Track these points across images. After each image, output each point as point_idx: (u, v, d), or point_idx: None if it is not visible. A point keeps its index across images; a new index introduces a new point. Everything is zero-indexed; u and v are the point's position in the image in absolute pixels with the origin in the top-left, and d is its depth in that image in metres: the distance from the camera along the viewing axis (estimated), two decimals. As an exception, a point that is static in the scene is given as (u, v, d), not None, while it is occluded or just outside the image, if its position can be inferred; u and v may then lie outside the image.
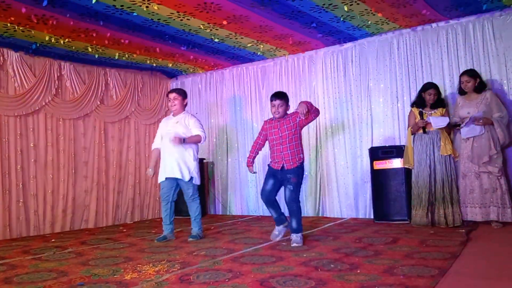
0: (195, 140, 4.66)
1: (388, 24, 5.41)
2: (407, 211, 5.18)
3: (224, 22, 5.02)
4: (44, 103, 5.82)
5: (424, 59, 5.53)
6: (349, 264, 3.22)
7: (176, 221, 6.30)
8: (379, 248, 3.76)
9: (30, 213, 5.63)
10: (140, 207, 6.98)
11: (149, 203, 7.13)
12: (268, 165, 4.34)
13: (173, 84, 7.73)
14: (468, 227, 4.59)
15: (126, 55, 6.11)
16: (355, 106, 6.00)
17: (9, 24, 4.71)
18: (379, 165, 5.38)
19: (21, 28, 4.83)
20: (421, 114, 4.94)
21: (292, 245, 4.01)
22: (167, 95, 4.94)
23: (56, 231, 5.84)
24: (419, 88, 5.48)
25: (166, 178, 4.67)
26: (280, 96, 4.26)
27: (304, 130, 6.34)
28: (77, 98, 6.20)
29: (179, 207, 6.93)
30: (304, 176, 4.29)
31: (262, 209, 6.70)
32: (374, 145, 5.73)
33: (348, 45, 6.05)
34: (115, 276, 3.12)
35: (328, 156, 6.19)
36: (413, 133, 5.03)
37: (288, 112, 4.35)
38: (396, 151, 5.29)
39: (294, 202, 4.14)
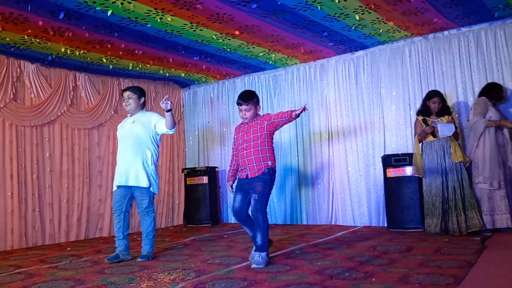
0: (174, 120, 4.06)
1: (399, 32, 5.42)
2: (421, 219, 5.16)
3: (237, 32, 5.08)
4: (59, 113, 5.92)
5: (436, 66, 5.53)
6: (363, 272, 3.21)
7: (190, 230, 6.35)
8: (394, 257, 3.74)
9: (45, 222, 5.71)
10: (153, 216, 7.01)
11: (162, 212, 7.18)
12: (237, 176, 3.96)
13: (186, 93, 7.81)
14: (484, 235, 4.55)
15: (140, 66, 6.20)
16: (367, 114, 6.01)
17: (26, 37, 4.82)
18: (392, 172, 5.37)
19: (37, 40, 4.94)
20: (424, 121, 4.93)
21: (252, 266, 3.53)
22: (121, 94, 4.39)
23: (71, 239, 5.91)
24: (431, 95, 5.50)
25: (119, 187, 4.16)
26: (246, 99, 3.79)
27: (316, 138, 6.37)
28: (91, 108, 6.30)
29: (193, 215, 7.02)
30: (273, 185, 3.82)
31: (274, 218, 6.71)
32: (386, 153, 5.72)
33: (360, 53, 6.07)
34: (131, 284, 3.15)
35: (341, 164, 6.19)
36: (421, 141, 5.02)
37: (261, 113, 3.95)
38: (409, 158, 5.28)
39: (260, 213, 3.67)
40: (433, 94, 5.02)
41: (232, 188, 4.01)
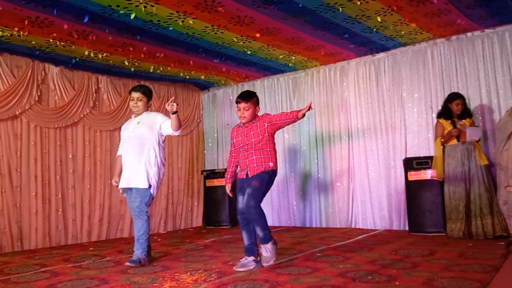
0: (180, 122, 4.00)
1: (421, 33, 5.37)
2: (443, 223, 5.08)
3: (257, 35, 5.10)
4: (82, 116, 6.02)
5: (459, 68, 5.45)
6: (386, 276, 3.18)
7: (209, 231, 6.37)
8: (416, 260, 3.70)
9: (68, 222, 5.80)
10: (172, 217, 7.08)
11: (182, 213, 7.22)
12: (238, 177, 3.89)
13: (205, 96, 7.86)
14: (510, 240, 4.47)
15: (161, 68, 6.27)
16: (388, 116, 5.96)
17: (51, 40, 4.92)
18: (414, 176, 5.31)
19: (62, 43, 5.03)
20: (453, 123, 4.86)
21: (263, 265, 3.56)
22: (130, 93, 4.24)
23: (92, 239, 5.99)
24: (454, 98, 5.43)
25: (125, 190, 4.14)
26: (246, 98, 3.70)
27: (336, 140, 6.35)
28: (113, 110, 6.39)
29: (212, 217, 7.05)
30: (271, 185, 3.74)
31: (294, 220, 6.70)
32: (408, 156, 5.66)
33: (381, 55, 6.03)
34: (154, 284, 3.18)
35: (361, 166, 6.14)
36: (443, 144, 4.94)
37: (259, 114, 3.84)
38: (431, 162, 5.21)
39: (253, 208, 3.52)
40: (455, 96, 4.96)
41: (230, 190, 3.96)
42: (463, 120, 4.90)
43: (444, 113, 5.01)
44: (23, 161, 5.41)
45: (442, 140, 4.95)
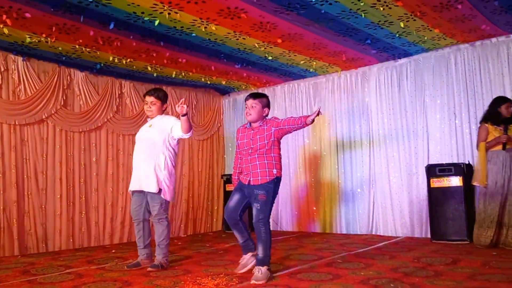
0: (190, 125, 3.94)
1: (445, 39, 5.32)
2: (466, 231, 5.00)
3: (279, 41, 5.12)
4: (106, 120, 6.13)
5: (484, 74, 5.37)
6: (409, 284, 3.15)
7: (229, 236, 6.39)
8: (439, 269, 3.65)
9: (91, 224, 5.91)
10: (193, 221, 7.14)
11: (202, 217, 7.27)
12: (239, 178, 3.76)
13: (226, 101, 7.91)
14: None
15: (183, 73, 6.34)
16: (410, 122, 5.90)
17: (77, 46, 5.03)
18: (437, 183, 5.24)
19: (87, 49, 5.14)
20: (506, 129, 4.67)
21: (251, 282, 3.31)
22: (144, 97, 4.26)
23: (114, 242, 6.08)
24: (478, 104, 5.37)
25: (133, 192, 4.13)
26: (254, 95, 3.63)
27: (357, 146, 6.31)
28: (135, 115, 6.49)
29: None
30: (276, 194, 3.63)
31: (313, 225, 6.68)
32: (430, 162, 5.59)
33: (403, 60, 5.98)
34: (177, 287, 3.21)
35: (382, 173, 6.09)
36: (487, 149, 4.80)
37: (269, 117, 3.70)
38: (455, 168, 5.14)
39: (262, 223, 3.47)
40: (505, 99, 4.78)
41: None
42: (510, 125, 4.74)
43: (491, 117, 4.80)
44: (48, 164, 5.54)
45: (487, 145, 4.81)
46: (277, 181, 3.56)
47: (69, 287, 3.33)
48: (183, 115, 3.79)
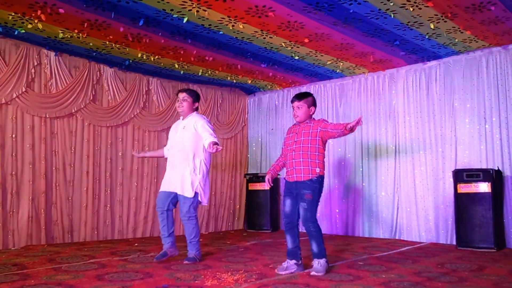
0: (208, 142, 3.86)
1: (476, 42, 5.20)
2: (494, 238, 4.87)
3: (306, 40, 5.11)
4: (132, 116, 6.24)
5: (516, 78, 5.23)
6: (432, 288, 3.09)
7: (250, 234, 6.41)
8: (464, 275, 3.57)
9: (115, 218, 6.02)
10: (214, 218, 7.18)
11: (224, 215, 7.31)
12: (284, 178, 3.86)
13: (251, 100, 7.94)
14: None
15: (209, 72, 6.39)
16: (438, 126, 5.78)
17: (107, 42, 5.14)
18: (464, 188, 5.12)
19: (117, 45, 5.24)
20: None
21: (311, 274, 3.49)
22: (176, 94, 4.36)
23: (137, 236, 6.18)
24: (509, 109, 5.25)
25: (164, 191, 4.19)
26: (299, 97, 3.73)
27: (383, 149, 6.23)
28: (162, 111, 6.57)
29: (253, 221, 7.09)
30: (321, 192, 3.71)
31: (335, 228, 6.62)
32: (458, 168, 5.47)
33: (432, 63, 5.87)
34: (196, 281, 3.24)
35: (408, 177, 5.99)
36: None
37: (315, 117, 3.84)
38: (483, 174, 5.01)
39: (311, 222, 3.59)
40: None
41: (269, 181, 3.88)
42: None
43: None
44: (76, 157, 5.67)
45: None
46: (321, 180, 3.65)
47: (93, 275, 3.40)
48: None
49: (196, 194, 4.04)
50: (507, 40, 5.17)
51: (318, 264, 3.54)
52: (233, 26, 4.67)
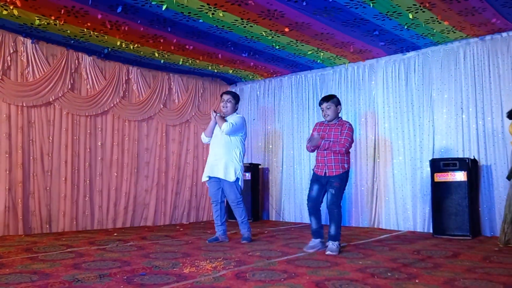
0: (222, 122, 4.58)
1: (454, 32, 5.26)
2: (469, 226, 4.97)
3: (286, 29, 5.10)
4: (112, 105, 6.16)
5: (493, 69, 5.31)
6: (407, 274, 3.15)
7: (231, 224, 6.42)
8: (439, 261, 3.64)
9: (95, 208, 5.96)
10: (196, 209, 7.18)
11: (205, 206, 7.30)
12: (313, 169, 4.31)
13: (232, 90, 7.89)
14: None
15: (190, 61, 6.35)
16: (416, 116, 5.86)
17: (85, 30, 5.06)
18: (441, 177, 5.21)
19: (95, 33, 5.16)
20: None
21: (326, 253, 3.93)
22: (221, 96, 4.88)
23: (117, 226, 6.14)
24: (486, 99, 5.33)
25: (210, 178, 4.69)
26: (326, 99, 4.23)
27: (362, 139, 6.29)
28: (142, 101, 6.51)
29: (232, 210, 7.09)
30: (347, 182, 4.20)
31: (316, 217, 6.66)
32: (435, 157, 5.56)
33: (411, 54, 5.94)
34: (175, 269, 3.24)
35: (386, 166, 6.07)
36: None
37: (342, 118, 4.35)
38: (460, 163, 5.10)
39: (335, 206, 4.06)
40: None
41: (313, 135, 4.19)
42: None
43: None
44: (54, 146, 5.59)
45: None
46: (347, 173, 4.16)
47: (70, 264, 3.37)
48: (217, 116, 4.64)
49: (237, 179, 4.60)
50: (484, 31, 5.24)
51: (333, 245, 3.96)
52: (213, 14, 4.64)
